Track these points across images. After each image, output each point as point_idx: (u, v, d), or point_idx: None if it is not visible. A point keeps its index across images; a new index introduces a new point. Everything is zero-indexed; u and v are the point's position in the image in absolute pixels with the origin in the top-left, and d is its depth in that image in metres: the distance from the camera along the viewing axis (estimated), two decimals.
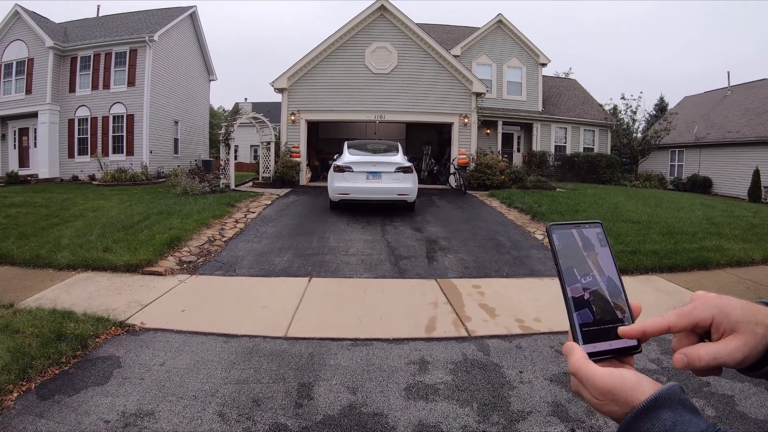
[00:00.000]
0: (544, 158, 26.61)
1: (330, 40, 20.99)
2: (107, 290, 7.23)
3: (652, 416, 0.68)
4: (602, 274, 0.82)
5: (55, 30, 25.51)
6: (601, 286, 0.81)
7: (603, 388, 0.73)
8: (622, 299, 0.82)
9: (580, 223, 0.85)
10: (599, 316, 0.80)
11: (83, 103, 24.57)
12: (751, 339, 0.72)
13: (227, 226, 11.58)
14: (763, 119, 27.44)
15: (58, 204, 14.26)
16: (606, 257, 0.83)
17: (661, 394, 0.70)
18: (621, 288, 0.82)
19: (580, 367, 0.76)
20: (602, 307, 0.80)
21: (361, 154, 13.86)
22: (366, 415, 4.07)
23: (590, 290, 0.80)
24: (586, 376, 0.75)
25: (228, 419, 3.96)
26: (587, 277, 0.81)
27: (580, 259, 0.82)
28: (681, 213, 14.27)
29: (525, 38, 27.98)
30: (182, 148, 28.86)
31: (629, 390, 0.72)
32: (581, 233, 0.84)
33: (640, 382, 0.73)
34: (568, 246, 0.82)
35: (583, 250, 0.83)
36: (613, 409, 0.73)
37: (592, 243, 0.84)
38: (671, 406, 0.69)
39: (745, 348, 0.72)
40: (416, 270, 8.75)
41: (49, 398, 4.17)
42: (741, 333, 0.73)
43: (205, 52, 31.73)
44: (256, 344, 5.48)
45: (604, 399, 0.74)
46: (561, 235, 0.83)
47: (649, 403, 0.69)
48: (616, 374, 0.74)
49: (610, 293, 0.81)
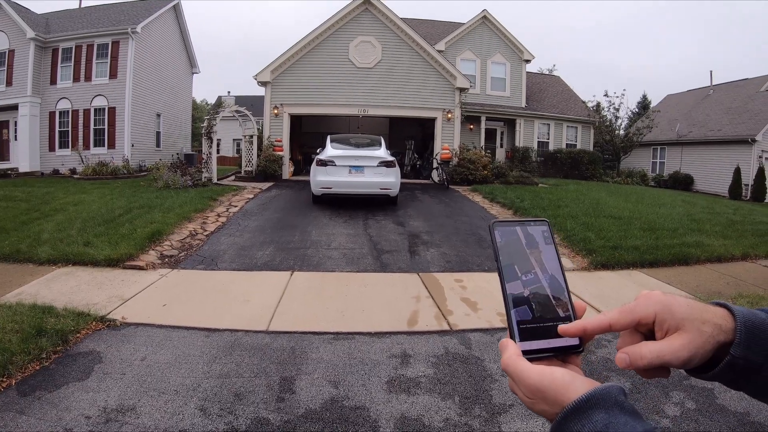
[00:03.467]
0: (527, 154, 26.68)
1: (314, 34, 20.90)
2: (88, 285, 7.18)
3: (582, 417, 0.65)
4: (545, 272, 0.81)
5: (36, 21, 25.10)
6: (543, 284, 0.80)
7: (533, 386, 0.71)
8: (565, 298, 0.80)
9: (525, 220, 0.84)
10: (539, 313, 0.78)
11: (64, 96, 24.21)
12: (697, 337, 0.70)
13: (209, 220, 11.52)
14: (745, 118, 27.85)
15: (38, 198, 14.11)
16: (550, 256, 0.82)
17: (594, 394, 0.67)
18: (564, 286, 0.81)
19: (509, 364, 0.74)
20: (543, 304, 0.79)
21: (344, 148, 13.83)
22: (348, 409, 4.09)
23: (531, 287, 0.79)
24: (516, 372, 0.73)
25: (209, 414, 3.96)
26: (529, 275, 0.80)
27: (523, 257, 0.81)
28: (662, 209, 14.42)
29: (509, 34, 28.00)
30: (164, 142, 28.60)
31: (559, 389, 0.69)
32: (525, 231, 0.83)
33: (573, 381, 0.70)
34: (510, 243, 0.81)
35: (527, 248, 0.82)
36: (544, 408, 0.71)
37: (537, 241, 0.83)
38: (605, 407, 0.65)
39: (691, 346, 0.70)
40: (398, 264, 8.78)
41: (30, 394, 4.14)
42: (686, 331, 0.71)
43: (188, 45, 31.43)
44: (238, 338, 5.47)
45: (535, 397, 0.72)
46: (504, 233, 0.82)
47: (580, 403, 0.66)
48: (546, 372, 0.72)
49: (552, 291, 0.80)
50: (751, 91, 30.14)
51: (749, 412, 4.11)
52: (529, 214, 12.57)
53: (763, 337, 0.70)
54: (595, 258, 9.11)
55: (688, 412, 4.13)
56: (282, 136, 20.96)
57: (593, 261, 9.04)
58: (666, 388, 4.50)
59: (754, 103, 28.80)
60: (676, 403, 4.26)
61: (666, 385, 4.53)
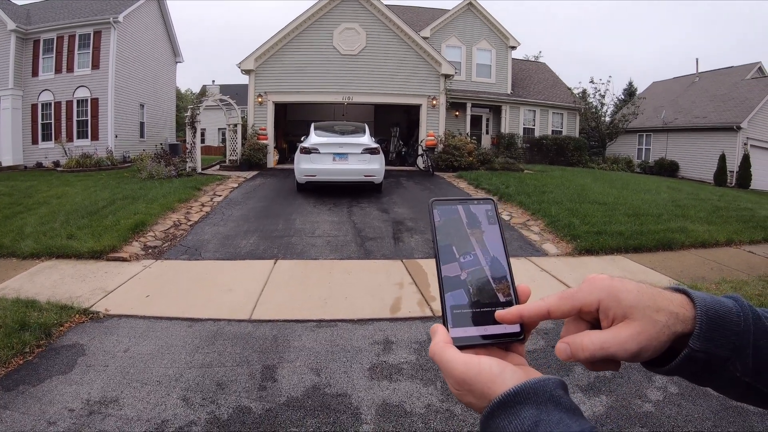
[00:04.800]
0: (512, 140, 26.76)
1: (297, 21, 20.77)
2: (71, 278, 7.15)
3: (509, 412, 0.59)
4: (486, 253, 0.75)
5: (17, 12, 24.75)
6: (483, 267, 0.74)
7: (458, 377, 0.65)
8: (507, 281, 0.74)
9: (468, 199, 0.79)
10: (477, 298, 0.72)
11: (46, 87, 23.92)
12: (648, 327, 0.63)
13: (193, 209, 11.49)
14: (730, 105, 28.08)
15: (21, 192, 14.01)
16: (494, 236, 0.77)
17: (524, 388, 0.60)
18: (507, 269, 0.75)
19: (436, 351, 0.68)
20: (481, 288, 0.73)
21: (328, 135, 13.81)
22: (330, 396, 4.12)
23: (469, 270, 0.74)
24: (442, 362, 0.67)
25: (192, 403, 3.97)
26: (468, 256, 0.75)
27: (462, 237, 0.76)
28: (647, 195, 14.52)
29: (495, 21, 28.01)
30: (148, 132, 28.36)
31: (486, 381, 0.63)
32: (468, 210, 0.78)
33: (502, 372, 0.64)
34: (450, 222, 0.77)
35: (468, 228, 0.77)
36: (471, 400, 0.66)
37: (479, 221, 0.78)
38: (537, 403, 0.59)
39: (641, 338, 0.62)
40: (382, 251, 8.81)
41: (14, 389, 4.14)
42: (635, 320, 0.63)
43: (171, 34, 31.12)
44: (221, 328, 5.48)
45: (461, 389, 0.66)
46: (443, 211, 0.78)
47: (507, 397, 0.60)
48: (473, 362, 0.65)
49: (492, 274, 0.74)
50: (737, 78, 30.39)
51: None
52: (514, 200, 12.61)
53: (728, 327, 0.63)
54: (579, 243, 9.16)
55: (670, 396, 4.18)
56: (266, 124, 20.89)
57: (577, 246, 9.09)
58: (648, 373, 4.51)
59: (739, 90, 29.04)
60: (659, 387, 4.31)
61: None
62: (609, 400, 4.12)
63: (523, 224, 10.74)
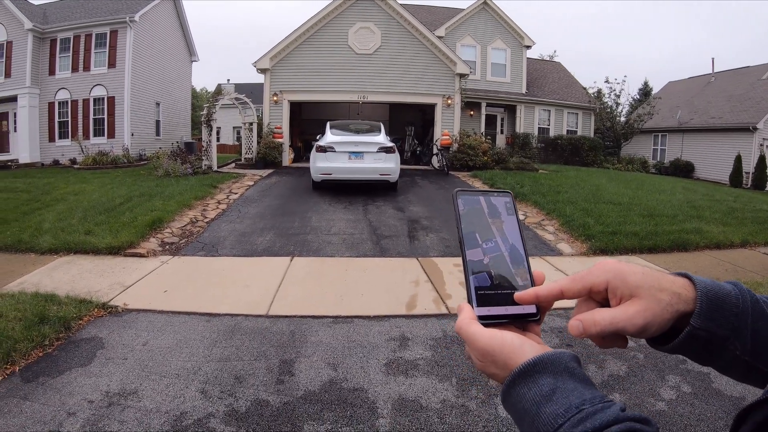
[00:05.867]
0: (527, 140, 26.61)
1: (313, 20, 20.80)
2: (90, 273, 7.23)
3: (529, 380, 0.66)
4: (506, 241, 0.82)
5: (34, 12, 24.99)
6: (503, 253, 0.81)
7: (482, 349, 0.72)
8: (524, 267, 0.81)
9: (489, 191, 0.85)
10: (498, 281, 0.79)
11: (63, 86, 24.13)
12: (653, 305, 0.69)
13: (209, 207, 11.56)
14: (746, 106, 27.70)
15: (39, 188, 14.15)
16: (512, 226, 0.84)
17: (542, 358, 0.68)
18: (524, 256, 0.82)
19: (462, 326, 0.75)
20: (502, 272, 0.80)
21: (344, 134, 13.84)
22: (347, 391, 4.14)
23: (491, 255, 0.80)
24: (467, 334, 0.74)
25: (210, 396, 4.01)
26: (489, 243, 0.81)
27: (484, 225, 0.82)
28: (662, 196, 14.42)
29: (510, 20, 27.87)
30: (164, 130, 28.52)
31: (509, 352, 0.70)
32: (488, 200, 0.84)
33: (522, 345, 0.71)
34: (473, 212, 0.83)
35: (488, 217, 0.83)
36: (494, 371, 0.72)
37: (499, 211, 0.84)
38: (554, 372, 0.66)
39: (646, 313, 0.68)
40: (398, 249, 8.83)
41: (33, 380, 4.20)
42: (641, 297, 0.69)
43: (186, 33, 31.29)
44: (238, 323, 5.52)
45: (485, 360, 0.73)
46: (466, 201, 0.83)
47: (527, 366, 0.67)
48: (497, 335, 0.72)
49: (511, 260, 0.81)
50: (753, 78, 29.93)
51: (744, 397, 4.12)
52: (529, 199, 12.56)
53: (727, 308, 0.69)
54: (593, 243, 9.13)
55: (683, 395, 4.17)
56: (282, 123, 20.92)
57: (592, 246, 9.06)
58: (662, 372, 4.54)
59: (755, 90, 28.60)
60: (672, 386, 4.30)
61: (662, 369, 4.57)
62: (622, 398, 4.11)
63: (538, 224, 10.71)
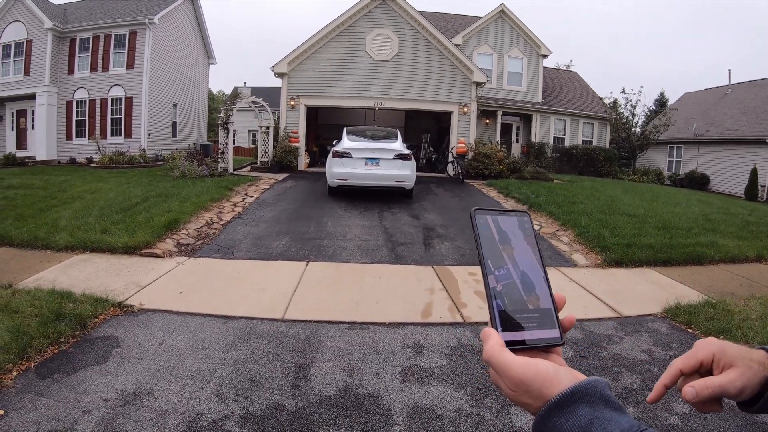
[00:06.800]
0: (542, 149, 26.57)
1: (331, 26, 20.88)
2: (106, 271, 7.27)
3: (566, 411, 0.65)
4: (525, 262, 0.81)
5: (54, 11, 25.29)
6: (524, 274, 0.80)
7: (516, 379, 0.70)
8: (545, 287, 0.80)
9: (507, 210, 0.85)
10: (521, 305, 0.78)
11: (82, 85, 24.40)
12: (747, 371, 0.82)
13: (225, 209, 11.60)
14: (763, 118, 27.40)
15: (56, 186, 14.25)
16: (531, 246, 0.83)
17: (579, 388, 0.66)
18: (544, 276, 0.81)
19: (493, 354, 0.72)
20: (525, 295, 0.78)
21: (360, 140, 13.84)
22: (362, 397, 4.13)
23: (511, 279, 0.79)
24: (499, 364, 0.72)
25: (226, 398, 4.01)
26: (508, 266, 0.80)
27: (502, 248, 0.81)
28: (677, 208, 14.30)
29: (527, 29, 27.86)
30: (180, 132, 28.72)
31: (543, 382, 0.69)
32: (506, 220, 0.84)
33: (557, 374, 0.70)
34: (491, 233, 0.82)
35: (509, 237, 0.82)
36: (527, 401, 0.70)
37: (518, 231, 0.84)
38: (590, 402, 0.65)
39: (743, 378, 0.81)
40: (413, 256, 8.80)
41: (48, 377, 4.21)
42: (738, 366, 0.83)
43: (204, 36, 31.51)
44: (254, 326, 5.53)
45: (518, 390, 0.70)
46: (484, 221, 0.83)
47: (564, 397, 0.66)
48: (531, 364, 0.70)
49: (534, 281, 0.80)
50: None
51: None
52: (544, 210, 12.51)
53: None
54: (608, 255, 9.06)
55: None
56: (298, 127, 21.00)
57: (607, 258, 9.00)
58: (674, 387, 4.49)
59: None
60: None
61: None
62: (636, 412, 4.08)
63: (552, 234, 10.66)
